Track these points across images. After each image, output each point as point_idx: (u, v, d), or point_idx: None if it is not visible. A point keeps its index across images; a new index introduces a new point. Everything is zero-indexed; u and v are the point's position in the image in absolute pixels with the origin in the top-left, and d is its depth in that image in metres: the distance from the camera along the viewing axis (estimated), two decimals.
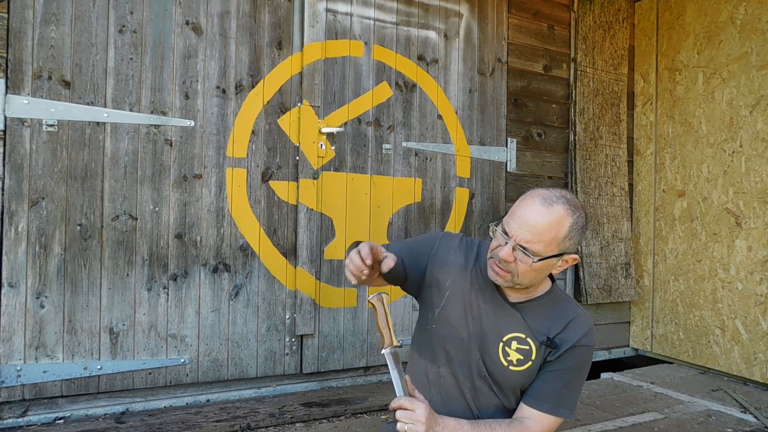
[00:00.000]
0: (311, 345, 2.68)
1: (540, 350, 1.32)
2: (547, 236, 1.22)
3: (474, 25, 3.12)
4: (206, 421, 2.22)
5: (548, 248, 1.23)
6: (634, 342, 3.69)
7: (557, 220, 1.22)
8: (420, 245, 1.47)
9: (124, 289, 2.29)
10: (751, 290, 3.00)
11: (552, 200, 1.23)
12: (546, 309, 1.36)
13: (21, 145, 2.13)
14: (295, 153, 2.64)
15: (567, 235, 1.24)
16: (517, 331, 1.34)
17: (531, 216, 1.23)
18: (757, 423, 2.45)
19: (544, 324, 1.34)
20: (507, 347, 1.33)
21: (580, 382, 1.36)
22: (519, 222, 1.24)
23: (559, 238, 1.23)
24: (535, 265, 1.24)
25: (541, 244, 1.22)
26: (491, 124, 3.17)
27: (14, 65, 2.11)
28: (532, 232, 1.22)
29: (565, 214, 1.23)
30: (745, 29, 3.08)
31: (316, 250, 2.66)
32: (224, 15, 2.49)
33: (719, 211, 3.18)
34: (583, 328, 1.34)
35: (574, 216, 1.24)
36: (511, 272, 1.27)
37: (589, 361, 1.37)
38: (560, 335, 1.32)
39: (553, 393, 1.31)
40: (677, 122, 3.44)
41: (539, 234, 1.22)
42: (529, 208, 1.24)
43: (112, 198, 2.28)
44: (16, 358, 2.12)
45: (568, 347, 1.31)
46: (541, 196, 1.25)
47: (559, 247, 1.24)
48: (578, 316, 1.36)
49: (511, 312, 1.36)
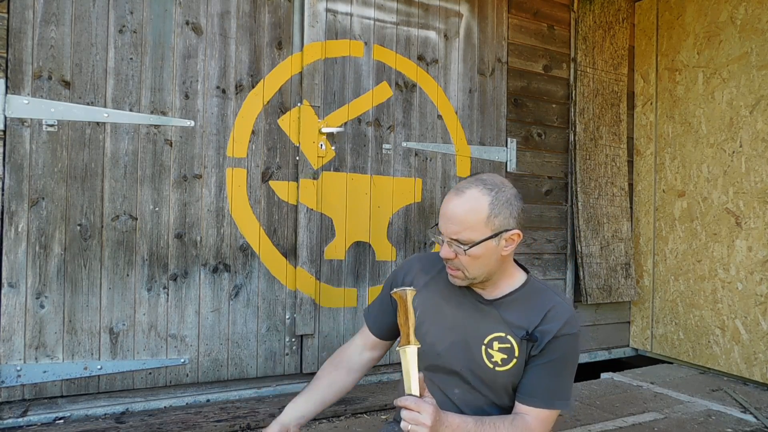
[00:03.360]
0: (311, 345, 2.68)
1: (522, 346, 1.31)
2: (470, 221, 1.25)
3: (474, 25, 3.12)
4: (206, 421, 2.22)
5: (477, 232, 1.25)
6: (634, 342, 3.69)
7: (472, 203, 1.26)
8: (385, 293, 1.52)
9: (124, 289, 2.29)
10: (751, 290, 3.00)
11: (464, 187, 1.28)
12: (523, 302, 1.35)
13: (21, 145, 2.13)
14: (295, 153, 2.64)
15: (491, 213, 1.26)
16: (496, 330, 1.33)
17: (449, 208, 1.27)
18: (757, 423, 2.45)
19: (523, 318, 1.32)
20: (489, 349, 1.32)
21: (570, 372, 1.34)
22: (443, 219, 1.29)
23: (482, 219, 1.25)
24: (472, 252, 1.25)
25: (468, 231, 1.25)
26: (491, 124, 3.17)
27: (14, 65, 2.12)
28: (455, 223, 1.26)
29: (479, 194, 1.26)
30: (745, 29, 3.08)
31: (316, 250, 2.67)
32: (224, 15, 2.49)
33: (719, 211, 3.18)
34: (563, 317, 1.31)
35: (492, 193, 1.27)
36: (460, 268, 1.29)
37: (575, 350, 1.34)
38: (539, 328, 1.30)
39: (543, 387, 1.30)
40: (677, 122, 3.44)
41: (461, 222, 1.25)
42: (448, 203, 1.28)
43: (112, 198, 2.28)
44: (16, 358, 2.12)
45: (550, 339, 1.29)
46: (456, 187, 1.30)
47: (489, 227, 1.26)
48: (556, 306, 1.33)
49: (488, 311, 1.35)
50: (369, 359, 1.56)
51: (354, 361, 1.55)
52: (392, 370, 2.89)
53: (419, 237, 2.95)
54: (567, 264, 3.44)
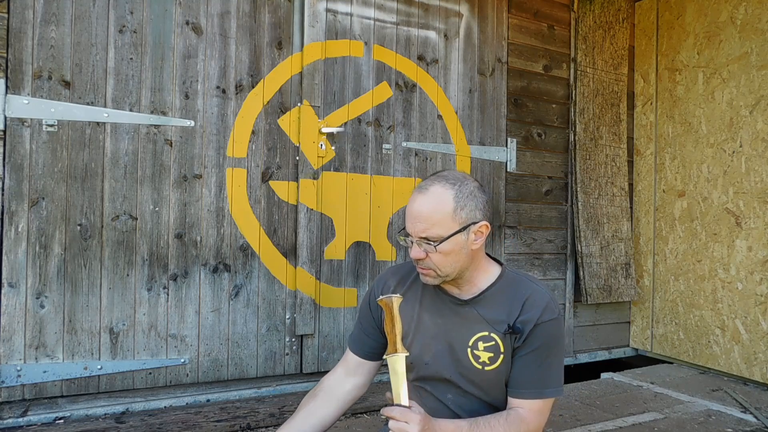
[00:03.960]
0: (311, 345, 2.68)
1: (506, 340, 1.30)
2: (436, 217, 1.25)
3: (474, 25, 3.12)
4: (206, 421, 2.22)
5: (445, 228, 1.25)
6: (634, 342, 3.69)
7: (436, 199, 1.26)
8: (363, 312, 1.50)
9: (124, 289, 2.29)
10: (751, 290, 3.00)
11: (427, 185, 1.28)
12: (500, 296, 1.34)
13: (21, 145, 2.13)
14: (295, 153, 2.64)
15: (456, 207, 1.26)
16: (479, 331, 1.32)
17: (414, 208, 1.27)
18: (757, 423, 2.45)
19: (502, 312, 1.32)
20: (475, 350, 1.32)
21: (557, 358, 1.33)
22: (410, 219, 1.28)
23: (448, 213, 1.25)
24: (442, 248, 1.25)
25: (435, 227, 1.25)
26: (491, 124, 3.17)
27: (14, 65, 2.12)
28: (422, 221, 1.25)
29: (442, 190, 1.26)
30: (745, 29, 3.08)
31: (316, 250, 2.67)
32: (224, 15, 2.49)
33: (719, 211, 3.18)
34: (541, 304, 1.31)
35: (455, 187, 1.27)
36: (432, 267, 1.29)
37: (558, 335, 1.33)
38: (520, 318, 1.30)
39: (531, 377, 1.30)
40: (677, 122, 3.44)
41: (427, 219, 1.25)
42: (412, 203, 1.28)
43: (112, 198, 2.28)
44: (16, 358, 2.12)
45: (531, 328, 1.29)
46: (419, 187, 1.30)
47: (456, 222, 1.26)
48: (532, 294, 1.33)
49: (467, 311, 1.34)
50: (352, 387, 1.49)
51: (334, 390, 1.48)
52: None
53: None
54: (567, 264, 3.43)
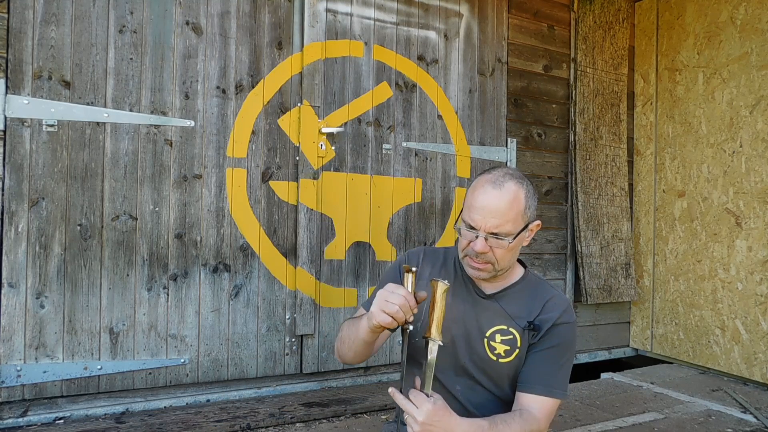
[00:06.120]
0: (311, 345, 2.68)
1: (524, 336, 1.35)
2: (511, 214, 1.27)
3: (474, 25, 3.12)
4: (206, 421, 2.22)
5: (516, 225, 1.28)
6: (634, 342, 3.69)
7: (513, 196, 1.27)
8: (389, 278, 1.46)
9: (124, 289, 2.29)
10: (751, 290, 3.00)
11: (500, 180, 1.28)
12: (522, 294, 1.39)
13: (21, 145, 2.13)
14: (295, 153, 2.64)
15: (526, 206, 1.30)
16: (498, 323, 1.36)
17: (490, 202, 1.26)
18: (757, 423, 2.46)
19: (524, 309, 1.36)
20: (491, 341, 1.35)
21: (568, 362, 1.37)
22: (481, 212, 1.27)
23: (521, 211, 1.28)
24: (511, 245, 1.28)
25: (509, 224, 1.27)
26: (491, 124, 3.17)
27: (14, 65, 2.12)
28: (497, 217, 1.26)
29: (517, 188, 1.28)
30: (745, 29, 3.08)
31: (316, 250, 2.67)
32: (224, 15, 2.49)
33: (719, 211, 3.18)
34: (561, 307, 1.36)
35: (524, 186, 1.30)
36: (491, 261, 1.30)
37: (572, 339, 1.38)
38: (540, 317, 1.35)
39: (543, 374, 1.33)
40: (677, 122, 3.44)
41: (503, 215, 1.26)
42: (485, 196, 1.27)
43: (112, 198, 2.28)
44: (16, 358, 2.12)
45: (549, 327, 1.33)
46: (489, 181, 1.29)
47: (523, 220, 1.30)
48: (554, 297, 1.38)
49: (489, 305, 1.38)
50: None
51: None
52: (392, 370, 2.89)
53: (419, 237, 2.95)
54: (567, 264, 3.44)
